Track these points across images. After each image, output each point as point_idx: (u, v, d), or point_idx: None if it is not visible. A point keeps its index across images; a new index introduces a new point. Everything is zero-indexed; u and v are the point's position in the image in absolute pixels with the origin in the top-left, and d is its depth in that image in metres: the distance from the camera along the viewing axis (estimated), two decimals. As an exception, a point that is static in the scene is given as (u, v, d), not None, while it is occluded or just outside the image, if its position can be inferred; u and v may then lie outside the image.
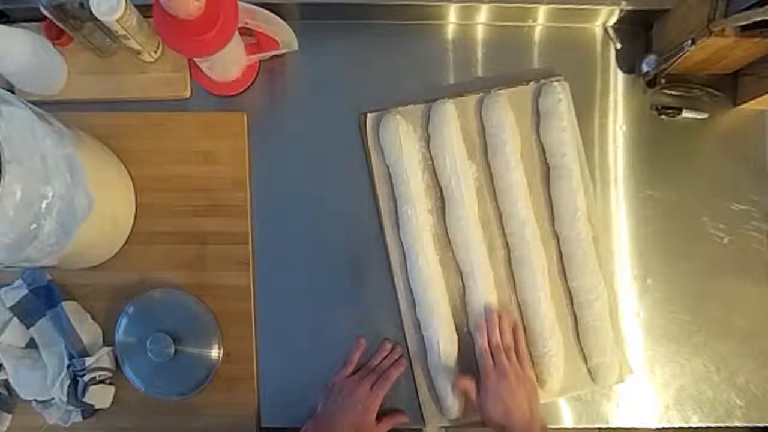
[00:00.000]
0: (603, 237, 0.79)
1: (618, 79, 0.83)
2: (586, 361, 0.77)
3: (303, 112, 0.81)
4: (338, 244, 0.79)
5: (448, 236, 0.77)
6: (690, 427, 0.80)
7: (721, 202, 0.82)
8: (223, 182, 0.79)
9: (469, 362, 0.77)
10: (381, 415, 0.74)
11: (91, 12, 0.65)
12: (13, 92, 0.76)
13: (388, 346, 0.78)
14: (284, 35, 0.74)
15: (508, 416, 0.68)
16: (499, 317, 0.75)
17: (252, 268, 0.79)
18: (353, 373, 0.76)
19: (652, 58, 0.78)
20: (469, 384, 0.71)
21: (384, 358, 0.77)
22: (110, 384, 0.76)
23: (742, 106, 0.81)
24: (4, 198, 0.53)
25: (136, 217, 0.78)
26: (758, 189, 0.82)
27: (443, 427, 0.77)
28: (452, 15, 0.81)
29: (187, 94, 0.80)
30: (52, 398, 0.74)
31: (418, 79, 0.81)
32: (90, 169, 0.64)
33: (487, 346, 0.73)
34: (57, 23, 0.70)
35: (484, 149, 0.79)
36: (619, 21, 0.82)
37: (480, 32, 0.83)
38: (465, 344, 0.77)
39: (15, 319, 0.74)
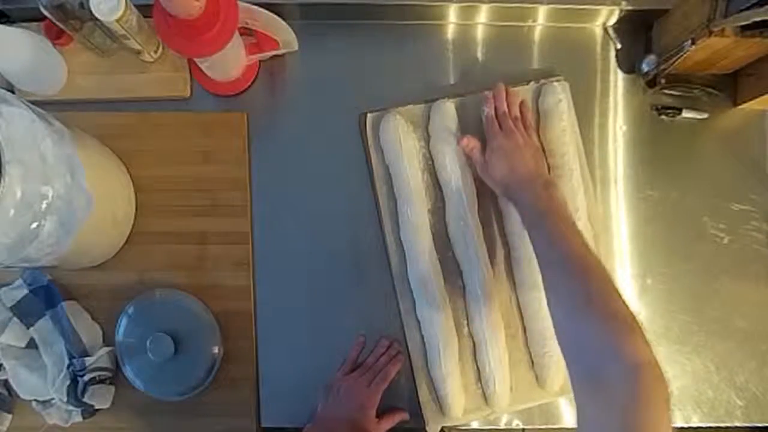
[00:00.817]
0: (603, 237, 0.79)
1: (618, 79, 0.83)
2: (586, 361, 0.77)
3: (303, 112, 0.81)
4: (338, 244, 0.79)
5: (448, 236, 0.77)
6: (690, 427, 0.80)
7: (721, 202, 0.82)
8: (223, 182, 0.79)
9: (469, 362, 0.77)
10: (381, 414, 0.74)
11: (91, 12, 0.65)
12: (13, 92, 0.76)
13: (385, 342, 0.78)
14: (284, 35, 0.74)
15: (513, 172, 0.68)
16: (506, 91, 0.75)
17: (252, 268, 0.79)
18: (352, 371, 0.76)
19: (652, 58, 0.78)
20: (473, 141, 0.72)
21: (382, 355, 0.77)
22: (110, 384, 0.76)
23: (742, 106, 0.81)
24: (4, 198, 0.53)
25: (136, 217, 0.78)
26: (758, 189, 0.82)
27: (443, 426, 0.77)
28: (452, 15, 0.81)
29: (187, 94, 0.80)
30: (52, 398, 0.74)
31: (418, 79, 0.81)
32: (90, 169, 0.64)
33: (493, 113, 0.73)
34: (57, 23, 0.70)
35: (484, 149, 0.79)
36: (619, 21, 0.82)
37: (480, 32, 0.83)
38: (465, 344, 0.77)
39: (15, 319, 0.74)
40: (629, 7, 0.78)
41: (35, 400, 0.75)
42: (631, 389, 0.47)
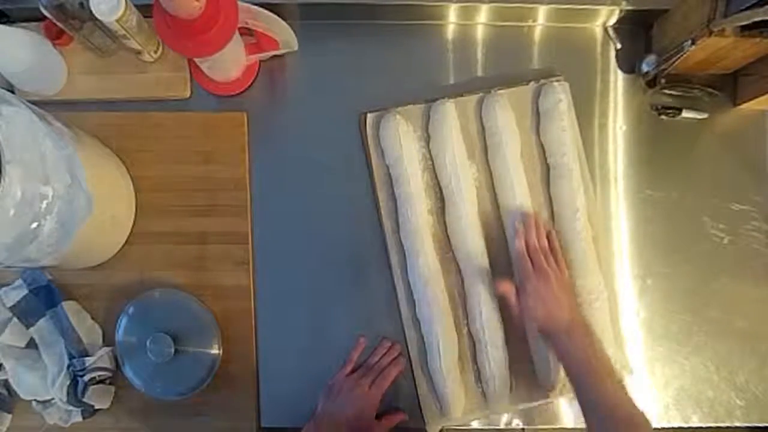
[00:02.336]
0: (603, 237, 0.79)
1: (618, 79, 0.83)
2: (586, 361, 0.77)
3: (303, 112, 0.81)
4: (338, 244, 0.79)
5: (448, 236, 0.77)
6: (690, 427, 0.80)
7: (721, 202, 0.82)
8: (223, 182, 0.79)
9: (469, 362, 0.77)
10: (381, 415, 0.74)
11: (91, 12, 0.65)
12: (13, 92, 0.76)
13: (387, 344, 0.78)
14: (284, 35, 0.74)
15: (550, 318, 0.68)
16: (536, 222, 0.75)
17: (252, 268, 0.79)
18: (352, 372, 0.76)
19: (652, 58, 0.78)
20: (508, 287, 0.71)
21: (382, 356, 0.77)
22: (110, 384, 0.76)
23: (742, 106, 0.81)
24: (4, 198, 0.53)
25: (136, 217, 0.78)
26: (758, 189, 0.82)
27: (443, 426, 0.77)
28: (452, 15, 0.81)
29: (187, 94, 0.80)
30: (52, 398, 0.74)
31: (418, 79, 0.81)
32: (90, 169, 0.64)
33: (524, 249, 0.73)
34: (57, 23, 0.70)
35: (484, 149, 0.79)
36: (619, 21, 0.82)
37: (480, 32, 0.83)
38: (465, 344, 0.77)
39: (15, 319, 0.74)
40: (629, 7, 0.78)
41: (35, 400, 0.75)
42: None
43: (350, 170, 0.80)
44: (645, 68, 0.79)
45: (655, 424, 0.79)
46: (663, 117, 0.82)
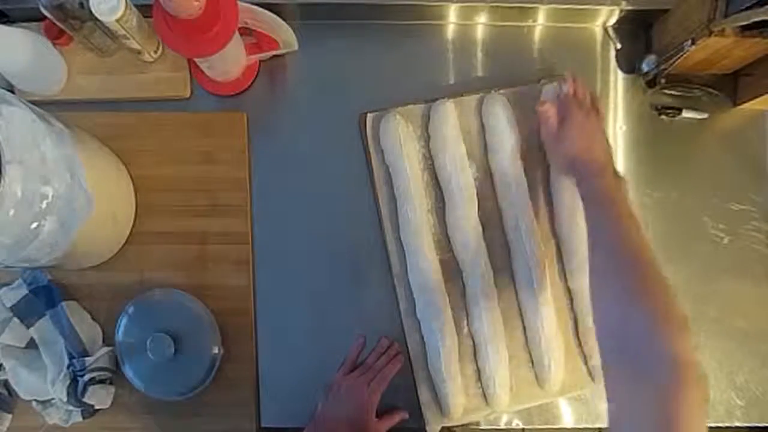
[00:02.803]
0: (603, 237, 0.79)
1: (618, 79, 0.83)
2: (586, 361, 0.77)
3: (303, 112, 0.81)
4: (338, 244, 0.79)
5: (448, 236, 0.77)
6: (690, 427, 0.79)
7: (721, 202, 0.82)
8: (223, 182, 0.79)
9: (469, 362, 0.77)
10: (381, 414, 0.74)
11: (91, 12, 0.65)
12: (13, 92, 0.76)
13: (385, 343, 0.78)
14: (284, 35, 0.74)
15: (589, 151, 0.67)
16: (583, 84, 0.74)
17: (252, 268, 0.79)
18: (352, 371, 0.76)
19: (652, 58, 0.78)
20: (552, 109, 0.71)
21: (381, 355, 0.77)
22: (110, 384, 0.76)
23: (742, 106, 0.81)
24: (4, 198, 0.53)
25: (136, 217, 0.78)
26: (758, 189, 0.82)
27: (443, 426, 0.77)
28: (452, 15, 0.81)
29: (187, 94, 0.80)
30: (52, 398, 0.74)
31: (418, 79, 0.81)
32: (90, 168, 0.64)
33: (573, 93, 0.72)
34: (57, 23, 0.70)
35: (484, 149, 0.79)
36: (619, 21, 0.82)
37: (480, 32, 0.83)
38: (465, 344, 0.77)
39: (15, 319, 0.74)
40: (629, 7, 0.78)
41: (35, 400, 0.75)
42: (674, 385, 0.47)
43: (350, 170, 0.80)
44: (645, 68, 0.79)
45: (655, 424, 0.79)
46: (663, 117, 0.82)
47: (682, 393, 0.47)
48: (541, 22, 0.82)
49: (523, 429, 0.80)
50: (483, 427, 0.79)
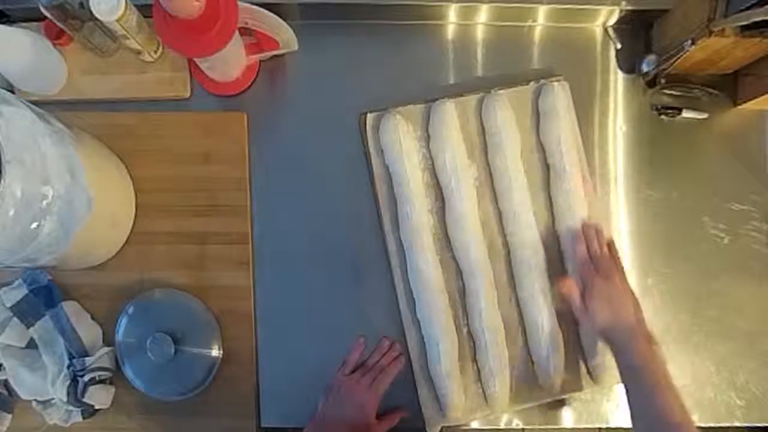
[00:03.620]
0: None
1: (618, 79, 0.83)
2: (586, 361, 0.77)
3: (303, 112, 0.81)
4: (338, 244, 0.79)
5: (448, 236, 0.77)
6: (690, 427, 0.80)
7: (721, 202, 0.82)
8: (223, 182, 0.79)
9: (469, 362, 0.77)
10: (381, 414, 0.74)
11: (91, 12, 0.65)
12: (13, 92, 0.76)
13: (387, 343, 0.78)
14: (284, 35, 0.74)
15: (616, 320, 0.67)
16: (596, 230, 0.74)
17: (252, 268, 0.79)
18: (352, 372, 0.76)
19: (652, 58, 0.78)
20: (573, 286, 0.71)
21: (382, 356, 0.77)
22: (110, 384, 0.76)
23: (742, 106, 0.81)
24: (4, 198, 0.53)
25: (136, 217, 0.78)
26: (758, 189, 0.82)
27: (443, 426, 0.77)
28: (452, 15, 0.81)
29: (187, 94, 0.80)
30: (52, 398, 0.74)
31: (418, 79, 0.81)
32: (90, 169, 0.64)
33: (587, 254, 0.73)
34: (57, 23, 0.70)
35: (484, 149, 0.79)
36: (619, 21, 0.82)
37: (480, 32, 0.83)
38: (465, 344, 0.77)
39: (15, 319, 0.74)
40: (629, 7, 0.78)
41: (35, 400, 0.75)
42: None
43: (350, 170, 0.80)
44: (645, 68, 0.79)
45: (655, 424, 0.79)
46: (663, 117, 0.82)
47: None
48: (541, 22, 0.82)
49: (523, 429, 0.80)
50: (483, 427, 0.79)
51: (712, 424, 0.79)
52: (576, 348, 0.78)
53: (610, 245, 0.76)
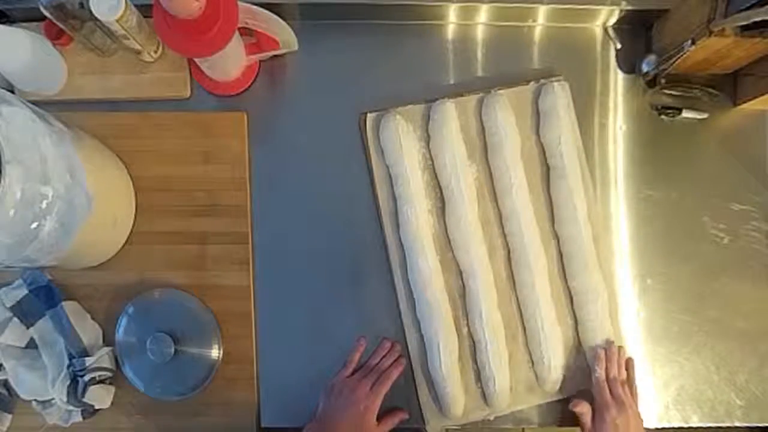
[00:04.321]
0: (603, 237, 0.79)
1: (618, 79, 0.83)
2: (586, 360, 0.77)
3: (303, 112, 0.81)
4: (338, 244, 0.79)
5: (448, 236, 0.77)
6: (690, 427, 0.80)
7: (721, 202, 0.82)
8: (223, 182, 0.79)
9: (469, 362, 0.77)
10: (381, 415, 0.74)
11: (91, 12, 0.65)
12: (13, 92, 0.76)
13: (387, 344, 0.78)
14: (284, 35, 0.74)
15: None
16: (618, 352, 0.76)
17: (252, 268, 0.79)
18: (353, 373, 0.76)
19: (652, 58, 0.78)
20: (586, 408, 0.73)
21: (383, 357, 0.77)
22: (110, 384, 0.76)
23: (742, 106, 0.81)
24: (4, 198, 0.52)
25: (136, 217, 0.78)
26: (758, 189, 0.82)
27: (444, 427, 0.77)
28: (452, 15, 0.81)
29: (187, 94, 0.80)
30: (52, 398, 0.74)
31: (418, 79, 0.81)
32: (90, 169, 0.64)
33: (605, 378, 0.74)
34: (57, 23, 0.70)
35: (484, 149, 0.79)
36: (619, 21, 0.82)
37: (480, 32, 0.83)
38: (465, 344, 0.77)
39: (15, 319, 0.74)
40: (629, 7, 0.78)
41: (35, 400, 0.75)
42: None
43: (350, 170, 0.80)
44: (645, 68, 0.79)
45: (655, 424, 0.80)
46: (663, 117, 0.82)
47: None
48: (541, 22, 0.82)
49: (523, 429, 0.80)
50: (483, 427, 0.79)
51: (712, 424, 0.79)
52: (576, 348, 0.78)
53: (629, 365, 0.77)
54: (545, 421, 0.79)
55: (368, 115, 0.79)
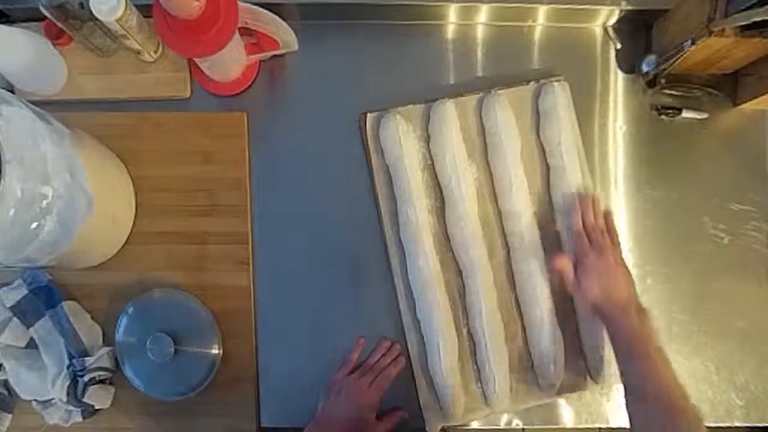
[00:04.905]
0: (603, 237, 0.79)
1: (618, 79, 0.83)
2: (586, 360, 0.77)
3: (303, 112, 0.81)
4: (338, 244, 0.79)
5: (448, 236, 0.77)
6: (690, 427, 0.80)
7: (721, 202, 0.82)
8: (223, 182, 0.79)
9: (469, 362, 0.77)
10: (381, 414, 0.74)
11: (91, 12, 0.65)
12: (13, 92, 0.76)
13: (386, 343, 0.78)
14: (284, 35, 0.74)
15: (607, 294, 0.67)
16: (592, 200, 0.74)
17: (252, 268, 0.79)
18: (352, 372, 0.76)
19: (652, 58, 0.78)
20: (566, 262, 0.71)
21: (382, 356, 0.77)
22: (110, 384, 0.76)
23: (742, 106, 0.81)
24: (4, 198, 0.53)
25: (136, 217, 0.78)
26: (758, 189, 0.82)
27: (443, 426, 0.77)
28: (452, 15, 0.81)
29: (187, 94, 0.80)
30: (52, 398, 0.74)
31: (418, 79, 0.81)
32: (90, 169, 0.64)
33: (581, 226, 0.72)
34: (57, 23, 0.70)
35: (484, 149, 0.79)
36: (619, 21, 0.82)
37: (480, 32, 0.83)
38: (465, 344, 0.77)
39: (15, 319, 0.74)
40: (629, 7, 0.78)
41: (35, 400, 0.75)
42: None
43: (350, 170, 0.80)
44: (645, 68, 0.79)
45: (655, 424, 0.79)
46: (663, 117, 0.82)
47: None
48: (541, 22, 0.82)
49: (523, 429, 0.80)
50: (483, 427, 0.79)
51: (712, 424, 0.80)
52: (576, 348, 0.78)
53: (607, 215, 0.75)
54: (545, 421, 0.79)
55: (368, 114, 0.79)
